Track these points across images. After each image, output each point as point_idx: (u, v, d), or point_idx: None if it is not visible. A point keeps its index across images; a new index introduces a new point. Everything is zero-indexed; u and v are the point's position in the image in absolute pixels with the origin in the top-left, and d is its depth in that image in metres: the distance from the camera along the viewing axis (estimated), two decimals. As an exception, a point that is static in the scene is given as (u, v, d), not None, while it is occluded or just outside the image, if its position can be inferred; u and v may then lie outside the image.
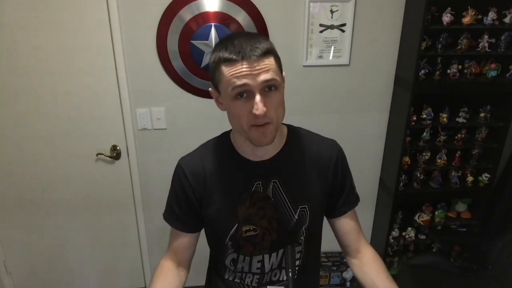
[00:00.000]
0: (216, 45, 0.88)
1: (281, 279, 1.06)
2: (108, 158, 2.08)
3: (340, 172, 1.05)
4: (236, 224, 0.98)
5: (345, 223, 1.09)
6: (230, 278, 1.08)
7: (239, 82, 0.82)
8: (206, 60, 1.95)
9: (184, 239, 1.05)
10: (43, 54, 1.87)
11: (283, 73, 0.92)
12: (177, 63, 1.95)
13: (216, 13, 1.88)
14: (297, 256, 1.05)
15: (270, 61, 0.84)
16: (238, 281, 1.07)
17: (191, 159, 1.01)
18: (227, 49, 0.83)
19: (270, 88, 0.85)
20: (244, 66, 0.81)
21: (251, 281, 1.06)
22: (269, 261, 1.03)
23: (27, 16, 1.79)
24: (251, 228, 0.99)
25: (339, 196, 1.07)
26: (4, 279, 2.29)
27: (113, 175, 2.13)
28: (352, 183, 1.11)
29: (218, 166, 0.99)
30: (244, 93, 0.84)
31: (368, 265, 1.06)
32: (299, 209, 1.00)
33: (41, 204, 2.16)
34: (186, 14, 1.87)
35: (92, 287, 2.43)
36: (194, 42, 1.91)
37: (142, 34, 1.90)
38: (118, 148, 2.08)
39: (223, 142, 1.01)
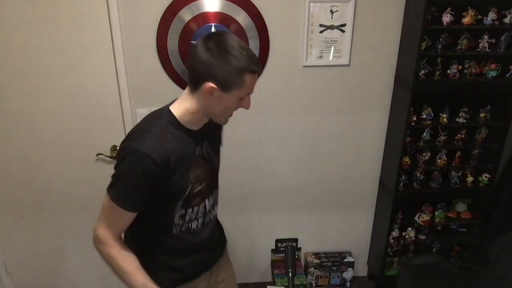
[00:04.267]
0: (236, 53, 0.99)
1: (215, 214, 1.31)
2: (108, 158, 2.08)
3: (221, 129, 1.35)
4: (190, 186, 1.13)
5: None
6: (178, 231, 1.19)
7: (253, 89, 1.08)
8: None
9: (131, 218, 1.11)
10: (43, 54, 1.87)
11: None
12: (177, 63, 1.95)
13: (216, 13, 1.88)
14: (213, 194, 1.27)
15: None
16: (185, 229, 1.20)
17: (154, 146, 1.03)
18: (250, 61, 1.01)
19: None
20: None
21: (196, 225, 1.22)
22: (209, 203, 1.24)
23: (26, 16, 1.79)
24: (199, 184, 1.16)
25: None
26: (4, 279, 2.29)
27: (113, 175, 2.13)
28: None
29: (175, 144, 1.08)
30: None
31: None
32: (216, 157, 1.26)
33: (41, 204, 2.16)
34: (186, 14, 1.87)
35: (92, 287, 2.43)
36: (194, 42, 1.92)
37: (142, 34, 1.90)
38: (118, 148, 2.08)
39: (170, 121, 1.09)
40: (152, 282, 1.10)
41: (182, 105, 1.10)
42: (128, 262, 1.10)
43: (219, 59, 0.99)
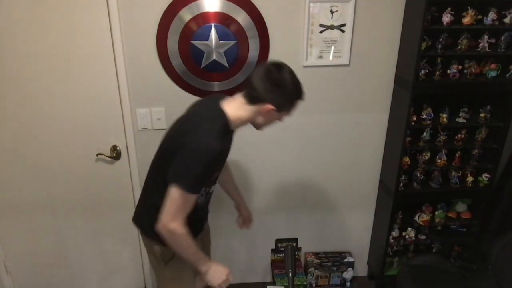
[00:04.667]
0: (291, 85, 1.33)
1: (213, 188, 1.57)
2: (108, 158, 2.08)
3: None
4: (216, 171, 1.45)
5: None
6: (199, 203, 1.46)
7: None
8: (206, 60, 1.95)
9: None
10: (43, 54, 1.87)
11: None
12: (177, 63, 1.95)
13: (216, 13, 1.88)
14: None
15: None
16: (200, 201, 1.47)
17: (221, 143, 1.30)
18: (301, 92, 1.37)
19: None
20: None
21: (203, 200, 1.53)
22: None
23: (27, 16, 1.79)
24: (218, 169, 1.47)
25: None
26: (4, 279, 2.29)
27: (113, 175, 2.13)
28: None
29: (226, 141, 1.40)
30: None
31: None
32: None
33: (41, 204, 2.16)
34: (186, 14, 1.87)
35: (92, 287, 2.43)
36: (194, 42, 1.92)
37: (142, 34, 1.90)
38: (118, 148, 2.08)
39: (224, 124, 1.36)
40: (206, 257, 1.45)
41: (237, 112, 1.36)
42: (191, 244, 1.38)
43: (282, 89, 1.30)
